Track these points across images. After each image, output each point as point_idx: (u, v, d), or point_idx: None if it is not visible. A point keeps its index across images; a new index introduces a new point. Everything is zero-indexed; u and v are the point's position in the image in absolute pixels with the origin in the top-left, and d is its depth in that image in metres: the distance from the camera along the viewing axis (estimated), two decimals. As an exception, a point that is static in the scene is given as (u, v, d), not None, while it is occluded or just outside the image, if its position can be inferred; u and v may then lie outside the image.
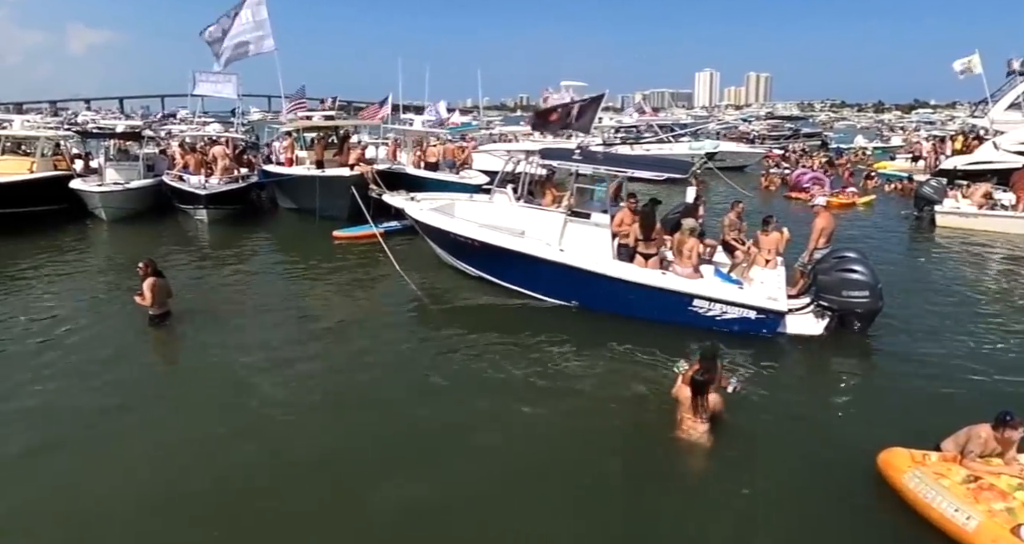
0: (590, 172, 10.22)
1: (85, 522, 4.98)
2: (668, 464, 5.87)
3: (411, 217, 12.05)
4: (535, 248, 9.79)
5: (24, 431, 6.28)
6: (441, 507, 5.20)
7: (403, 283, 10.80)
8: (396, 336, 9.01)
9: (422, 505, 5.22)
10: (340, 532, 4.95)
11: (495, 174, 13.97)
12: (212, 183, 17.42)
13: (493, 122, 45.54)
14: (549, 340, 8.62)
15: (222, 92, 26.04)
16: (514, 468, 5.74)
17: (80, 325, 9.27)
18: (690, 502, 5.39)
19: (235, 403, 6.89)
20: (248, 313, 10.02)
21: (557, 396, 7.14)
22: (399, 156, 21.99)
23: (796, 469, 5.72)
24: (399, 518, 5.09)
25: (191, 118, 33.73)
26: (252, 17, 21.02)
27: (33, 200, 16.51)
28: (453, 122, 32.55)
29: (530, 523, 5.05)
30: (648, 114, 43.57)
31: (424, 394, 7.23)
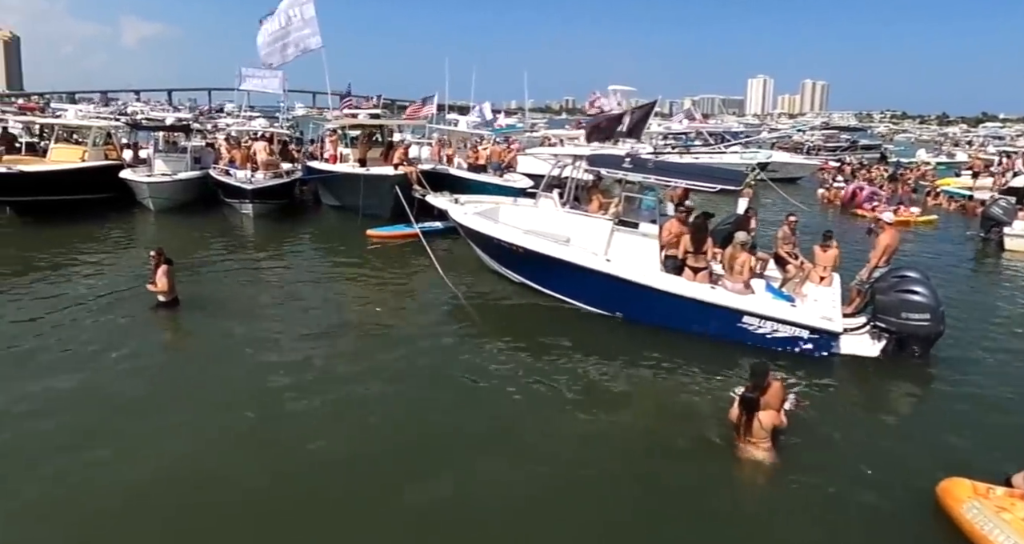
0: (639, 180, 10.19)
1: (104, 517, 5.11)
2: (715, 484, 5.80)
3: (455, 220, 12.17)
4: (580, 257, 9.79)
5: (49, 418, 6.53)
6: (471, 513, 5.26)
7: (442, 285, 10.93)
8: (433, 338, 9.10)
9: (452, 508, 5.30)
10: (367, 531, 5.04)
11: (539, 178, 14.04)
12: (258, 178, 17.88)
13: (538, 124, 45.65)
14: (592, 351, 8.61)
15: (268, 87, 26.80)
16: (550, 479, 5.75)
17: (120, 312, 9.62)
18: (738, 525, 5.33)
19: (261, 399, 7.05)
20: (282, 308, 10.27)
21: (597, 409, 7.15)
22: (445, 157, 22.23)
23: (850, 494, 5.60)
24: (427, 520, 5.16)
25: (237, 112, 34.66)
26: (301, 15, 21.59)
27: (84, 188, 17.20)
28: (499, 124, 32.75)
29: (561, 537, 5.06)
30: (698, 121, 43.17)
31: (459, 398, 7.32)
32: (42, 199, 16.10)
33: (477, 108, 32.85)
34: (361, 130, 19.94)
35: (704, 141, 33.41)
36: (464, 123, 26.13)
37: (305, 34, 21.73)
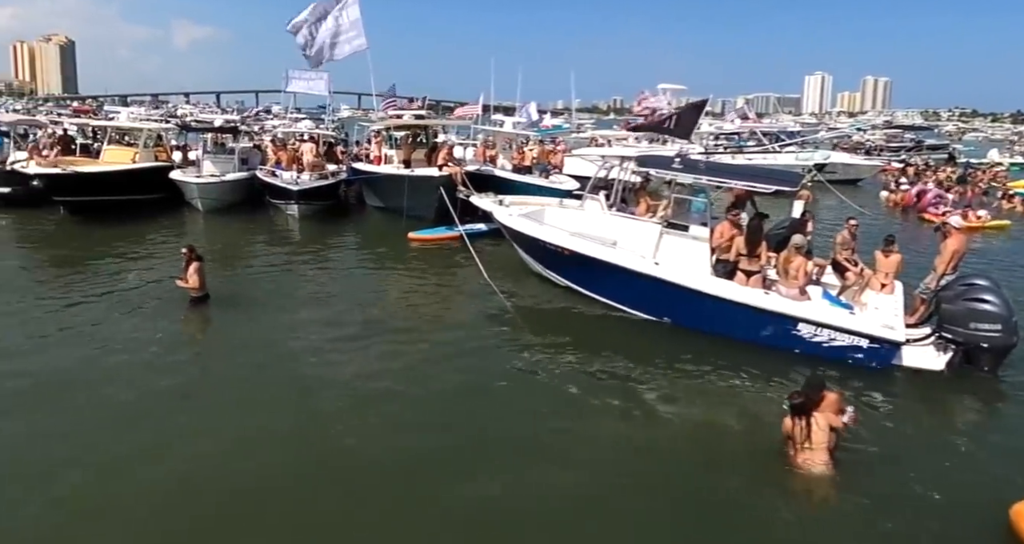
0: (690, 182, 10.08)
1: (144, 510, 5.29)
2: (766, 499, 5.69)
3: (499, 222, 12.24)
4: (628, 260, 9.73)
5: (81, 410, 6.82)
6: (512, 517, 5.30)
7: (485, 287, 11.01)
8: (476, 341, 9.18)
9: (493, 511, 5.35)
10: (405, 531, 5.12)
11: (585, 179, 14.01)
12: (303, 179, 18.31)
13: (584, 125, 45.52)
14: (638, 358, 8.55)
15: (314, 89, 27.47)
16: (594, 486, 5.75)
17: (158, 308, 9.99)
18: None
19: (300, 396, 7.23)
20: (324, 308, 10.50)
21: (643, 417, 7.11)
22: (489, 158, 22.39)
23: (914, 517, 5.43)
24: (467, 522, 5.22)
25: (284, 114, 35.54)
26: (347, 17, 22.07)
27: (135, 188, 17.91)
28: (545, 125, 32.79)
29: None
30: (751, 120, 42.38)
31: (502, 402, 7.37)
32: (95, 199, 16.82)
33: (523, 109, 32.93)
34: (406, 131, 20.23)
35: (758, 141, 32.76)
36: (509, 124, 26.19)
37: (351, 36, 22.19)
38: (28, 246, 15.12)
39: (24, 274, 12.25)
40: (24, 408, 6.77)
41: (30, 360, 7.94)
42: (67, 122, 26.35)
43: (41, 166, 17.01)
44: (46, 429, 6.37)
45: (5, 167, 18.95)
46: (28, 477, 5.57)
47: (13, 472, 5.65)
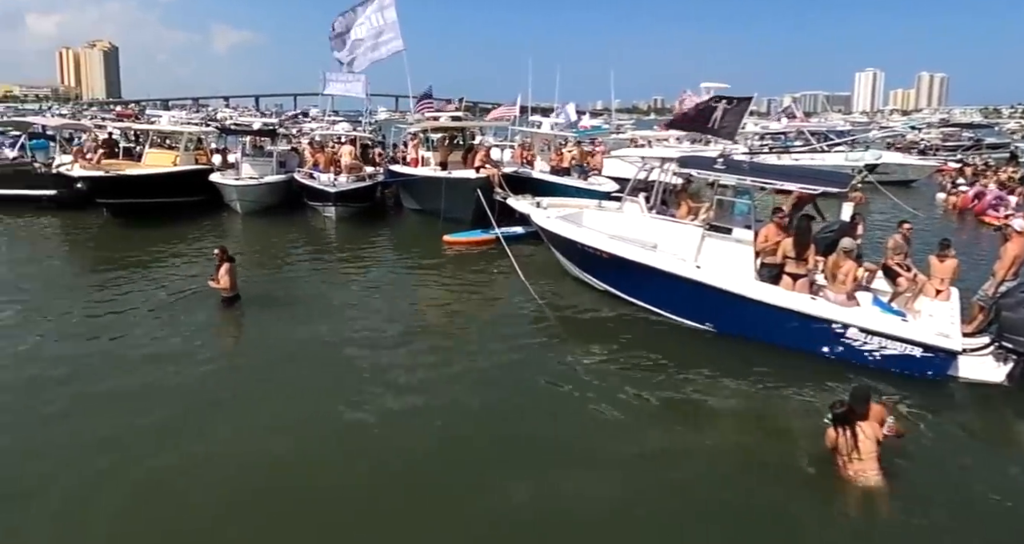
0: (733, 183, 9.95)
1: (187, 507, 5.46)
2: (810, 510, 5.59)
3: (536, 224, 12.27)
4: (668, 263, 9.66)
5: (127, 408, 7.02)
6: (548, 523, 5.32)
7: (522, 291, 11.05)
8: (513, 345, 9.21)
9: (529, 516, 5.38)
10: (442, 532, 5.19)
11: (625, 181, 13.96)
12: (341, 181, 18.63)
13: (624, 126, 45.27)
14: (679, 364, 8.48)
15: (351, 92, 27.83)
16: (632, 494, 5.72)
17: (193, 307, 10.34)
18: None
19: (333, 399, 7.34)
20: (358, 310, 10.71)
21: (683, 425, 7.05)
22: (527, 159, 22.44)
23: (970, 535, 5.27)
24: (503, 527, 5.27)
25: (322, 117, 36.15)
26: (383, 19, 22.40)
27: (176, 191, 18.51)
28: (583, 125, 32.71)
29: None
30: (799, 119, 41.61)
31: (539, 407, 7.39)
32: (136, 201, 17.41)
33: (561, 109, 32.91)
34: (443, 133, 20.40)
35: (805, 141, 32.13)
36: (547, 125, 26.21)
37: (387, 38, 22.53)
38: (71, 246, 15.81)
39: (66, 274, 12.86)
40: (53, 403, 7.05)
41: (64, 359, 8.26)
42: (111, 126, 27.29)
43: (85, 169, 17.67)
44: (69, 424, 6.62)
45: (51, 170, 19.74)
46: (57, 472, 5.80)
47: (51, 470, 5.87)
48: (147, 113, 66.01)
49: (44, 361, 8.17)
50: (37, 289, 11.44)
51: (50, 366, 8.00)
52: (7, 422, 6.67)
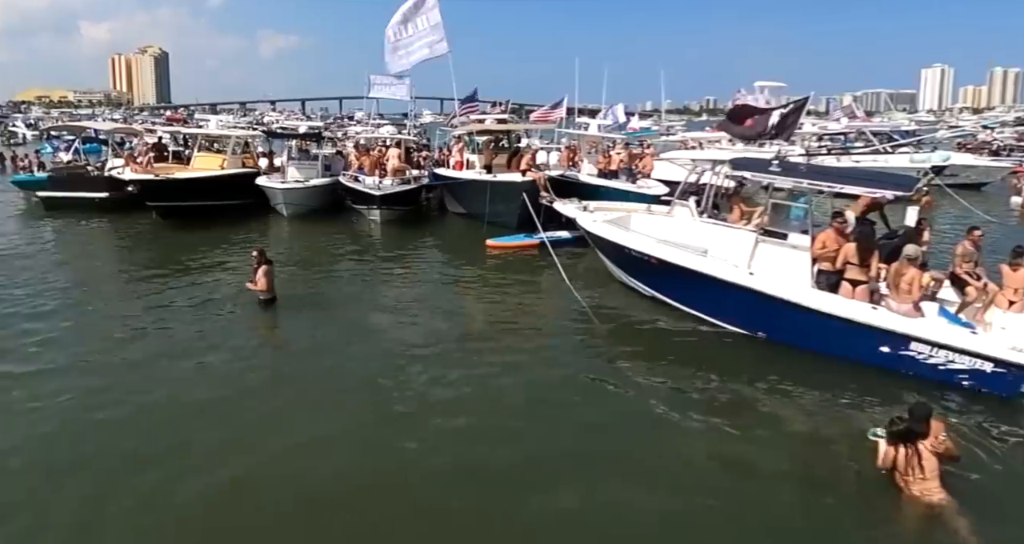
0: (789, 186, 9.78)
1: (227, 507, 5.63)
2: (874, 532, 5.44)
3: (583, 228, 12.26)
4: (720, 269, 9.54)
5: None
6: (590, 533, 5.32)
7: (567, 296, 11.03)
8: (557, 352, 9.24)
9: (572, 526, 5.40)
10: (481, 540, 5.23)
11: (674, 184, 13.85)
12: (386, 184, 18.96)
13: (675, 127, 44.86)
14: (729, 373, 8.35)
15: (396, 95, 28.36)
16: (677, 505, 5.68)
17: (243, 311, 10.68)
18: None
19: (371, 403, 7.53)
20: (400, 313, 10.92)
21: (733, 437, 6.91)
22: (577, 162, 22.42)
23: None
24: (544, 535, 5.29)
25: (367, 120, 36.84)
26: (428, 22, 22.75)
27: (223, 194, 19.17)
28: (632, 127, 32.53)
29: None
30: (860, 119, 40.58)
31: (583, 414, 7.38)
32: (184, 204, 18.05)
33: (609, 111, 32.84)
34: (488, 135, 20.56)
35: (866, 142, 31.31)
36: (595, 127, 26.17)
37: (432, 40, 22.87)
38: (120, 248, 16.56)
39: (112, 274, 13.49)
40: (97, 405, 7.35)
41: (106, 359, 8.64)
42: (160, 130, 28.32)
43: (136, 172, 18.38)
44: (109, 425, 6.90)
45: (103, 173, 20.64)
46: (100, 471, 6.04)
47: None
48: (195, 117, 68.36)
49: (85, 366, 8.49)
50: (83, 289, 12.02)
51: (91, 372, 8.32)
52: (55, 429, 6.95)
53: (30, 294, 11.41)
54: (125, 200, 18.62)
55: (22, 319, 10.14)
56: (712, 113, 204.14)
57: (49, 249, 15.47)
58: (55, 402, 7.39)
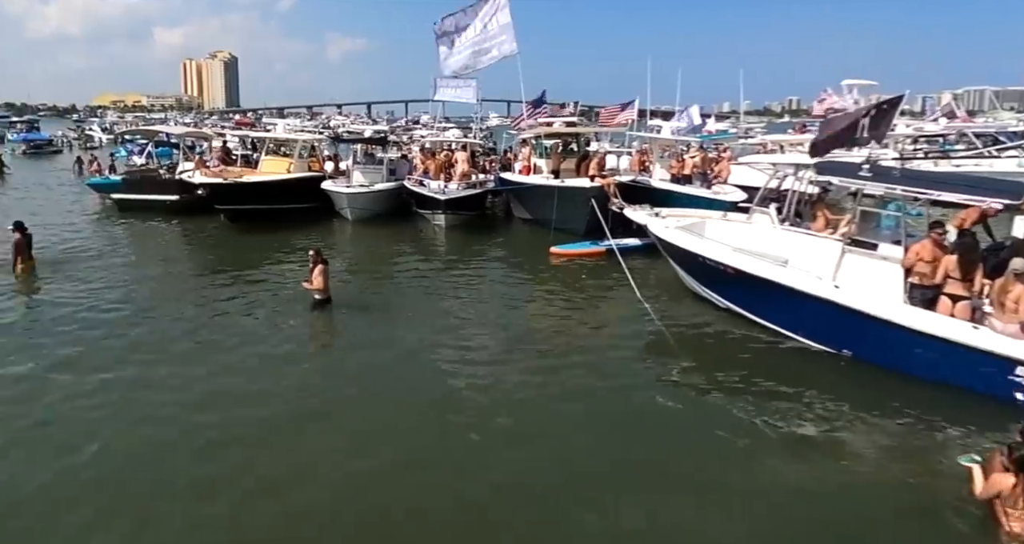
0: (880, 192, 9.41)
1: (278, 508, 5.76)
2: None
3: (654, 235, 12.12)
4: (802, 281, 9.27)
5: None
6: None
7: (637, 307, 10.93)
8: (624, 364, 9.16)
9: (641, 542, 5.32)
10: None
11: (753, 190, 13.58)
12: (451, 188, 19.23)
13: (754, 129, 43.87)
14: (810, 393, 8.09)
15: (462, 97, 28.78)
16: (749, 531, 5.54)
17: (308, 313, 11.04)
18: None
19: (430, 412, 7.63)
20: (463, 321, 11.06)
21: (811, 461, 6.71)
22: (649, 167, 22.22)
23: None
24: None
25: (432, 123, 37.49)
26: (496, 22, 22.95)
27: (289, 198, 19.85)
28: (708, 130, 32.01)
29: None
30: (960, 119, 38.73)
31: (651, 431, 7.32)
32: (252, 208, 18.77)
33: (683, 112, 32.37)
34: (556, 139, 20.56)
35: (968, 144, 29.86)
36: (668, 129, 25.84)
37: (500, 41, 23.07)
38: (189, 249, 17.42)
39: (179, 275, 14.12)
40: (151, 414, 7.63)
41: (168, 362, 9.00)
42: (229, 134, 29.54)
43: (205, 176, 19.20)
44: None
45: (174, 176, 21.68)
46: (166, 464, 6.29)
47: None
48: (263, 121, 70.99)
49: (146, 362, 8.94)
50: (150, 289, 12.68)
51: (150, 366, 8.80)
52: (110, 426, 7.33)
53: (100, 294, 12.08)
54: (195, 203, 19.53)
55: (90, 318, 10.69)
56: (794, 114, 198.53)
57: (121, 250, 16.31)
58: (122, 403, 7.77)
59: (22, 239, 13.41)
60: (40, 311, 11.17)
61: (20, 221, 13.78)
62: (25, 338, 9.81)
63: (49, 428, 7.14)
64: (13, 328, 10.24)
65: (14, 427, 7.12)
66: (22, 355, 9.08)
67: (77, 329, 10.17)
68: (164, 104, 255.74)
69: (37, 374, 8.49)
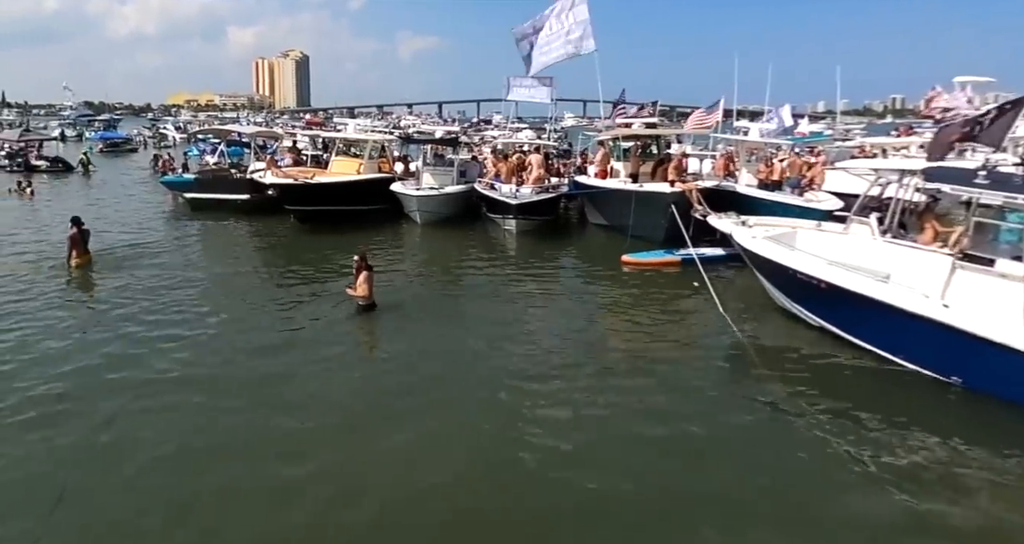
0: (999, 202, 8.90)
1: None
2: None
3: (740, 245, 11.81)
4: (906, 299, 8.84)
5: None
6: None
7: (718, 322, 10.70)
8: (702, 383, 8.95)
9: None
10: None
11: (850, 198, 13.19)
12: (523, 192, 19.27)
13: (852, 131, 42.48)
14: (912, 423, 7.70)
15: (536, 97, 28.89)
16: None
17: (373, 318, 11.26)
18: None
19: (486, 425, 7.65)
20: (531, 331, 11.05)
21: (914, 495, 6.37)
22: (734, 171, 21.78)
23: None
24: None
25: (504, 124, 37.77)
26: (573, 18, 22.89)
27: (359, 199, 20.27)
28: (800, 132, 31.17)
29: None
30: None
31: (731, 455, 7.14)
32: (321, 209, 19.27)
33: (773, 113, 31.65)
34: (635, 141, 20.36)
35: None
36: (756, 131, 25.29)
37: (577, 37, 23.02)
38: (257, 249, 18.00)
39: (246, 276, 14.48)
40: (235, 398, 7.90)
41: (230, 365, 9.33)
42: (299, 134, 30.44)
43: (276, 176, 19.83)
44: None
45: (246, 176, 22.51)
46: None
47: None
48: (334, 121, 73.10)
49: (200, 363, 9.29)
50: (215, 289, 13.17)
51: (206, 367, 9.18)
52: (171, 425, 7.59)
53: (167, 292, 12.64)
54: (265, 203, 20.20)
55: (156, 317, 11.18)
56: (898, 114, 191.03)
57: (189, 249, 17.02)
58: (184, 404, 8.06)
59: (78, 234, 14.28)
60: (90, 306, 11.86)
61: (77, 216, 14.75)
62: (76, 333, 10.30)
63: (105, 429, 7.40)
64: (60, 324, 10.71)
65: (75, 426, 7.44)
66: (75, 354, 9.49)
67: (121, 325, 10.67)
68: (236, 103, 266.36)
69: (91, 372, 8.90)
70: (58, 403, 7.95)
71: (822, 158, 24.42)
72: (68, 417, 7.62)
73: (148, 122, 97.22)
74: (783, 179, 19.69)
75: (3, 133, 46.31)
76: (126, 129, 67.12)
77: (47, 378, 8.60)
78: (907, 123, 52.61)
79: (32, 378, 8.59)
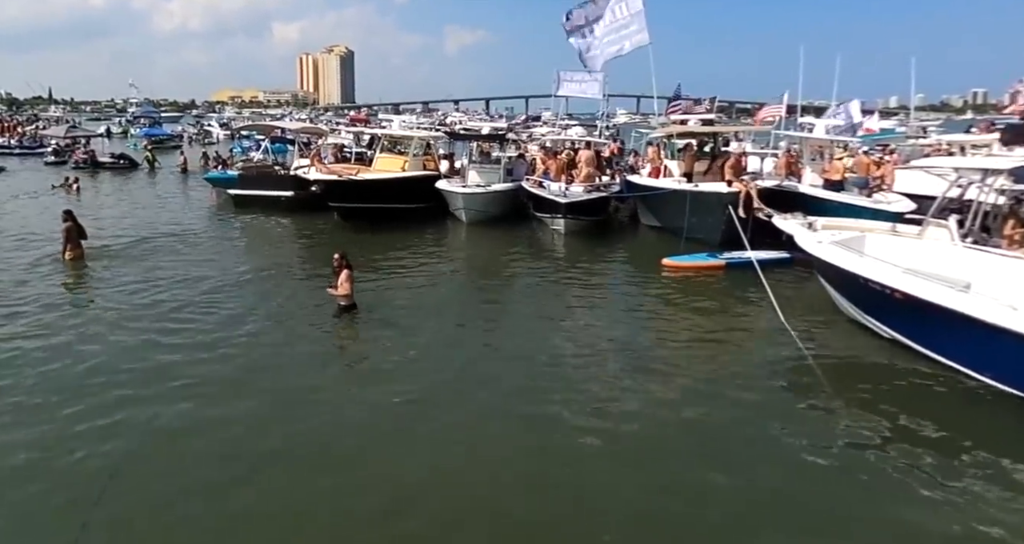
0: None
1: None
2: None
3: (804, 249, 11.50)
4: (989, 310, 8.43)
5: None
6: None
7: (779, 331, 10.45)
8: (760, 396, 8.69)
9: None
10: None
11: (925, 199, 12.96)
12: (573, 191, 19.17)
13: (928, 128, 41.29)
14: (994, 446, 7.31)
15: (587, 93, 28.69)
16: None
17: (412, 317, 11.39)
18: None
19: (524, 432, 7.62)
20: (576, 335, 10.97)
21: (994, 523, 6.02)
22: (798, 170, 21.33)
23: None
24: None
25: (554, 120, 37.70)
26: (626, 10, 22.66)
27: (403, 197, 20.54)
28: (869, 128, 30.40)
29: None
30: None
31: (789, 471, 6.95)
32: (365, 206, 19.54)
33: (840, 108, 30.91)
34: (690, 139, 20.07)
35: None
36: (821, 128, 24.69)
37: (631, 31, 22.77)
38: (300, 246, 18.53)
39: (284, 272, 14.77)
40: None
41: (263, 363, 9.46)
42: (344, 131, 30.84)
43: (321, 172, 20.10)
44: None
45: (290, 172, 22.93)
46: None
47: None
48: (379, 117, 74.12)
49: (229, 361, 9.48)
50: (256, 286, 13.44)
51: (229, 368, 9.27)
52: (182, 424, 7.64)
53: (208, 288, 12.95)
54: (309, 200, 20.50)
55: (197, 313, 11.45)
56: (979, 110, 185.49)
57: (231, 246, 17.51)
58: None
59: (72, 226, 14.70)
60: (103, 302, 12.11)
61: (69, 209, 15.35)
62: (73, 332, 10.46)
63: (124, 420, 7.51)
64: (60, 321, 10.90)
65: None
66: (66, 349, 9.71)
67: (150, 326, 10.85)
68: (280, 99, 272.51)
69: (103, 369, 9.07)
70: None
71: (893, 157, 23.80)
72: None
73: (192, 119, 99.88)
74: (844, 178, 19.16)
75: (50, 129, 47.97)
76: (170, 126, 69.26)
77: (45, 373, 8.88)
78: (988, 120, 50.82)
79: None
